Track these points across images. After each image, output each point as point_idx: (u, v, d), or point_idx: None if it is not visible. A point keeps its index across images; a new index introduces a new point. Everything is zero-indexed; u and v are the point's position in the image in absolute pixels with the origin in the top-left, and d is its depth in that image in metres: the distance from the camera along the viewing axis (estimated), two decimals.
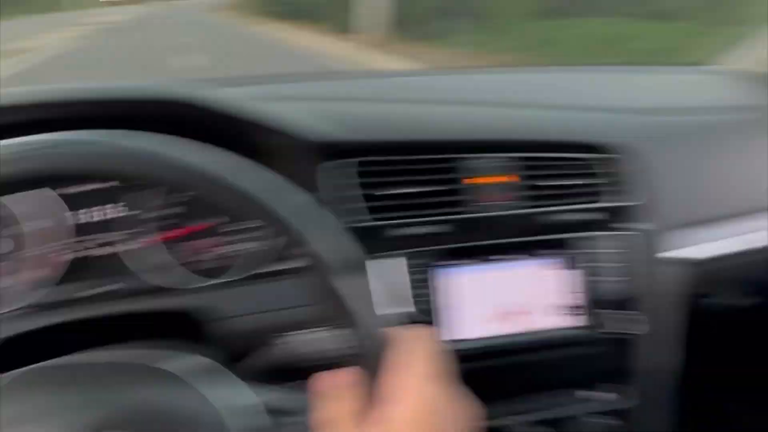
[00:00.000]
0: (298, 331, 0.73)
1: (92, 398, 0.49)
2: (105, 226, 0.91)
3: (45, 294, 0.83)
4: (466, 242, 0.95)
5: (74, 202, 0.90)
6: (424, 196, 0.96)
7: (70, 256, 0.87)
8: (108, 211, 0.92)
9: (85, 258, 0.91)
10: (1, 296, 0.86)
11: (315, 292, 0.47)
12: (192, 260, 0.95)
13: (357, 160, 0.95)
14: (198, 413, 0.50)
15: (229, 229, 0.96)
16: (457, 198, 0.97)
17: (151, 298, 0.85)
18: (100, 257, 0.91)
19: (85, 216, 0.90)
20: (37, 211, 0.88)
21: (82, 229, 0.90)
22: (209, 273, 0.94)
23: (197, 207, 0.94)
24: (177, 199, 0.94)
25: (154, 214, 0.91)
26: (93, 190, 0.91)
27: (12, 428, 0.44)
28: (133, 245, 0.93)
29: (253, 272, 0.91)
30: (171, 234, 0.93)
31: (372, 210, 0.94)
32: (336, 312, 0.46)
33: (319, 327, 0.75)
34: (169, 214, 0.93)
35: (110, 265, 0.91)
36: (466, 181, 0.97)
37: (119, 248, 0.92)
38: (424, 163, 0.97)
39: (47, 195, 0.86)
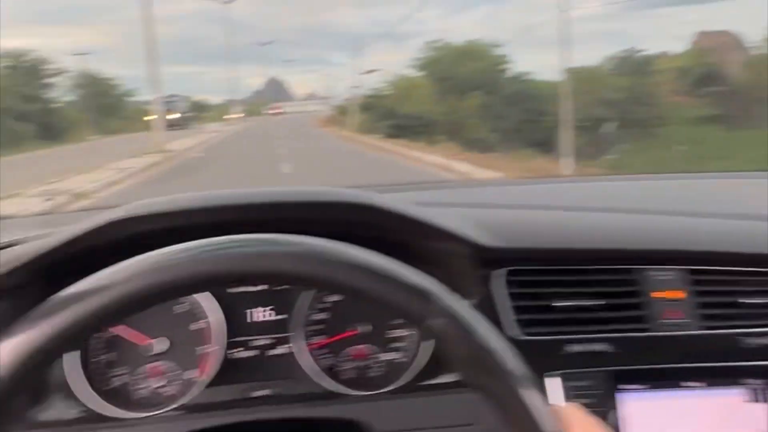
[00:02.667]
0: None
1: None
2: (256, 329, 0.97)
3: (196, 396, 0.87)
4: (648, 364, 0.89)
5: (227, 304, 0.97)
6: (590, 310, 0.94)
7: (222, 358, 0.92)
8: (259, 313, 0.98)
9: (237, 360, 0.95)
10: (153, 397, 0.92)
11: (496, 405, 0.48)
12: (343, 369, 0.97)
13: (513, 268, 0.95)
14: None
15: (375, 338, 0.99)
16: (637, 313, 0.93)
17: (303, 406, 0.87)
18: (252, 360, 0.96)
19: (237, 318, 0.96)
20: (192, 311, 0.95)
21: (235, 331, 0.96)
22: (361, 383, 0.95)
23: (344, 314, 0.98)
24: (324, 305, 0.99)
25: (302, 320, 0.96)
26: (243, 293, 0.98)
27: None
28: (283, 350, 0.97)
29: (409, 385, 0.91)
30: (319, 341, 0.97)
31: (523, 323, 0.92)
32: (519, 426, 0.47)
33: None
34: (317, 320, 0.98)
35: (261, 369, 0.95)
36: (654, 294, 0.93)
37: (270, 352, 0.96)
38: (593, 274, 0.96)
39: (203, 296, 0.94)
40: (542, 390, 0.48)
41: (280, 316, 0.98)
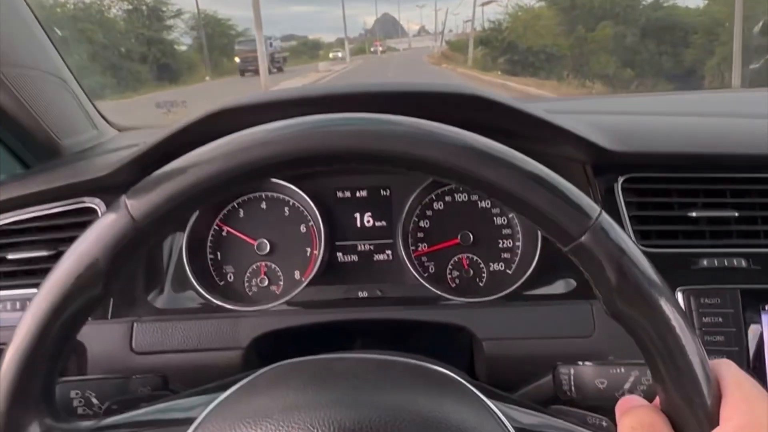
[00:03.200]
0: (578, 363, 0.68)
1: (348, 397, 0.49)
2: (360, 234, 0.98)
3: (301, 294, 0.90)
4: None
5: (332, 209, 0.98)
6: (721, 222, 0.85)
7: (326, 260, 0.94)
8: (363, 219, 0.99)
9: (341, 263, 0.97)
10: (262, 292, 0.97)
11: (645, 342, 0.44)
12: (446, 276, 0.96)
13: (631, 176, 0.89)
14: (479, 430, 0.48)
15: (477, 249, 0.97)
16: None
17: (405, 309, 0.87)
18: (355, 264, 0.98)
19: (341, 223, 0.98)
20: (292, 217, 0.98)
21: (339, 236, 0.98)
22: (465, 290, 0.95)
23: (446, 223, 0.97)
24: (427, 214, 0.98)
25: (405, 227, 0.96)
26: (348, 198, 0.99)
27: (272, 414, 0.47)
28: (385, 256, 0.98)
29: (513, 294, 0.89)
30: (422, 249, 0.97)
31: (642, 234, 0.86)
32: (658, 341, 0.43)
33: (601, 361, 0.69)
34: (420, 228, 0.98)
35: (365, 273, 0.97)
36: None
37: (374, 257, 0.98)
38: (725, 183, 0.86)
39: (308, 200, 0.96)
40: None
41: (383, 223, 0.98)
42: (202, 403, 0.50)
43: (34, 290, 0.84)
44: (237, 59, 26.36)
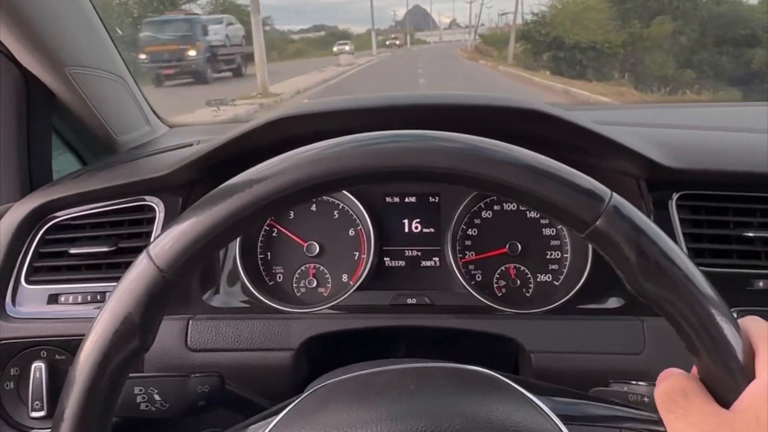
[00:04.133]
0: (631, 382, 0.70)
1: (392, 410, 0.50)
2: (408, 239, 1.01)
3: (349, 298, 0.94)
4: None
5: (381, 214, 1.02)
6: None
7: (374, 264, 0.98)
8: (412, 225, 1.02)
9: (389, 268, 1.01)
10: (310, 295, 1.00)
11: (675, 323, 0.46)
12: (494, 285, 0.99)
13: (686, 192, 0.90)
14: (524, 423, 0.50)
15: (526, 259, 0.99)
16: None
17: (452, 317, 0.90)
18: (403, 269, 1.01)
19: (390, 228, 1.01)
20: (347, 219, 1.01)
21: (387, 241, 1.01)
22: (513, 301, 0.97)
23: (494, 232, 0.99)
24: (475, 221, 1.01)
25: (453, 234, 0.99)
26: (396, 204, 1.02)
27: None
28: (433, 262, 1.01)
29: (564, 307, 0.91)
30: (469, 256, 1.00)
31: (695, 252, 0.87)
32: (688, 313, 0.44)
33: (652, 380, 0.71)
34: (468, 236, 1.00)
35: (412, 279, 1.00)
36: None
37: (422, 263, 1.00)
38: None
39: (358, 205, 1.00)
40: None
41: (431, 230, 1.01)
42: None
43: (95, 284, 0.91)
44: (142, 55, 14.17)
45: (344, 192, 1.00)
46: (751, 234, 0.86)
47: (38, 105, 1.04)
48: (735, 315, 0.80)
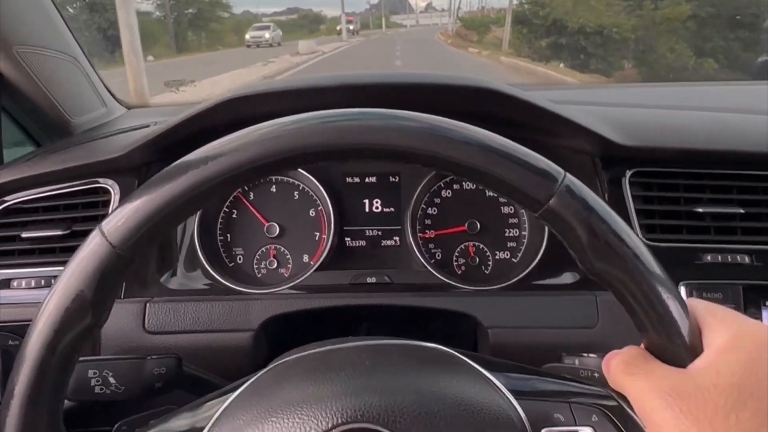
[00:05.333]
0: (582, 354, 0.71)
1: (348, 386, 0.51)
2: (368, 219, 1.01)
3: (310, 278, 0.94)
4: None
5: (341, 195, 1.01)
6: (726, 218, 0.89)
7: (335, 245, 0.98)
8: (372, 205, 1.02)
9: (349, 248, 1.01)
10: (271, 275, 1.00)
11: (623, 298, 0.47)
12: (453, 263, 1.00)
13: (638, 170, 0.91)
14: (476, 398, 0.51)
15: (484, 237, 1.00)
16: None
17: (412, 295, 0.90)
18: (364, 249, 1.01)
19: (350, 208, 1.01)
20: (308, 199, 1.01)
21: (348, 221, 1.01)
22: (471, 278, 0.98)
23: (453, 210, 1.00)
24: (434, 200, 1.01)
25: (413, 213, 0.99)
26: (357, 184, 1.02)
27: (277, 413, 0.48)
28: (393, 241, 1.01)
29: (520, 283, 0.92)
30: (428, 234, 1.01)
31: (647, 228, 0.89)
32: (636, 291, 0.45)
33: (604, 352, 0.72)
34: (427, 215, 1.01)
35: (373, 258, 1.00)
36: None
37: (382, 243, 1.01)
38: (732, 179, 0.89)
39: (317, 185, 0.99)
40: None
41: (391, 209, 1.02)
42: (210, 414, 0.52)
43: (48, 269, 0.89)
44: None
45: (304, 172, 0.99)
46: (700, 209, 0.88)
47: None
48: (684, 288, 0.83)
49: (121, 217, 0.46)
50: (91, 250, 0.46)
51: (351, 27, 40.50)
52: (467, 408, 0.48)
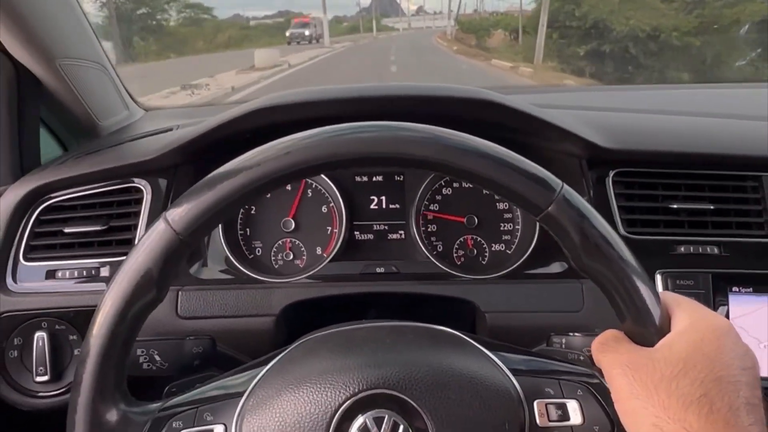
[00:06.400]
0: (569, 334, 0.81)
1: (371, 359, 0.59)
2: (376, 215, 1.10)
3: (323, 269, 1.03)
4: (756, 269, 0.93)
5: (351, 192, 1.10)
6: (699, 214, 0.98)
7: (345, 238, 1.07)
8: (379, 202, 1.11)
9: (359, 241, 1.10)
10: (288, 266, 1.09)
11: (608, 292, 0.56)
12: (453, 255, 1.09)
13: (621, 170, 1.00)
14: (480, 373, 0.60)
15: (482, 230, 1.09)
16: (748, 219, 0.97)
17: (417, 283, 0.99)
18: (372, 242, 1.10)
19: (359, 205, 1.10)
20: (320, 196, 1.10)
21: (357, 216, 1.10)
22: (470, 268, 1.07)
23: (453, 207, 1.09)
24: (437, 197, 1.10)
25: (416, 209, 1.08)
26: (365, 182, 1.11)
27: (310, 379, 0.57)
28: (399, 235, 1.11)
29: (514, 272, 1.02)
30: (431, 229, 1.10)
31: (629, 223, 0.98)
32: (618, 286, 0.55)
33: (587, 332, 0.82)
34: (430, 210, 1.10)
35: (380, 250, 1.09)
36: None
37: (388, 236, 1.10)
38: (704, 179, 0.99)
39: (328, 183, 1.08)
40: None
41: (397, 205, 1.11)
42: (248, 378, 0.61)
43: (88, 260, 0.98)
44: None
45: None
46: (675, 206, 0.97)
47: (28, 95, 1.09)
48: (660, 276, 0.93)
49: (184, 207, 0.55)
50: (157, 235, 0.55)
51: (307, 32, 35.65)
52: (472, 381, 0.58)
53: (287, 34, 32.44)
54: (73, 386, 0.57)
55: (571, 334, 0.82)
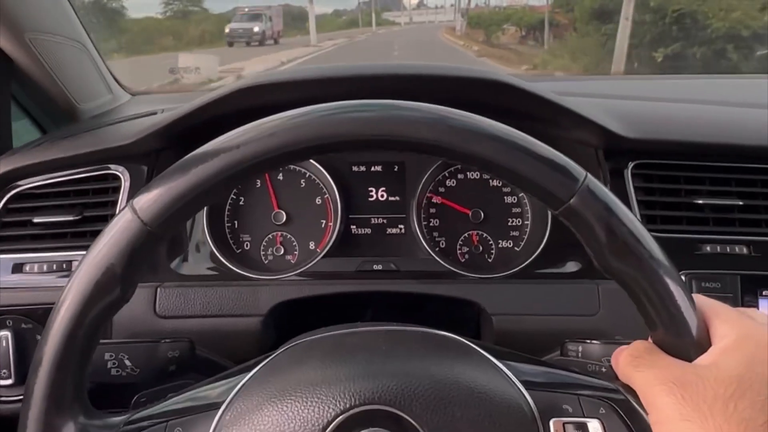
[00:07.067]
0: (586, 341, 0.74)
1: (364, 369, 0.52)
2: (374, 207, 1.02)
3: (316, 265, 0.95)
4: None
5: (347, 183, 1.02)
6: (726, 210, 0.90)
7: (340, 232, 0.99)
8: (378, 193, 1.03)
9: (355, 236, 1.02)
10: (278, 262, 1.01)
11: (636, 293, 0.48)
12: (457, 251, 1.01)
13: (640, 162, 0.92)
14: (489, 387, 0.52)
15: (488, 226, 1.01)
16: None
17: (417, 282, 0.92)
18: (369, 236, 1.02)
19: (356, 196, 1.02)
20: (308, 189, 1.02)
21: (353, 209, 1.02)
22: (475, 266, 0.99)
23: (457, 200, 1.01)
24: (439, 189, 1.02)
25: (418, 202, 1.00)
26: (362, 173, 1.03)
27: (295, 392, 0.49)
28: (398, 230, 1.03)
29: (523, 272, 0.94)
30: (433, 223, 1.01)
31: (648, 219, 0.90)
32: (649, 290, 0.47)
33: (606, 339, 0.74)
34: (432, 203, 1.02)
35: (379, 246, 1.01)
36: None
37: (387, 231, 1.02)
38: (731, 172, 0.91)
39: (324, 173, 1.00)
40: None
41: (396, 198, 1.02)
42: (227, 389, 0.53)
43: (60, 253, 0.90)
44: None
45: (311, 161, 1.00)
46: (700, 201, 0.89)
47: None
48: (684, 277, 0.85)
49: (153, 195, 0.47)
50: (122, 225, 0.48)
51: (256, 28, 23.81)
52: (480, 396, 0.50)
53: (226, 30, 22.94)
54: (24, 398, 0.50)
55: (588, 341, 0.73)
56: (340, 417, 0.47)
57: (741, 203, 0.89)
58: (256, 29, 24.00)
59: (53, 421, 0.49)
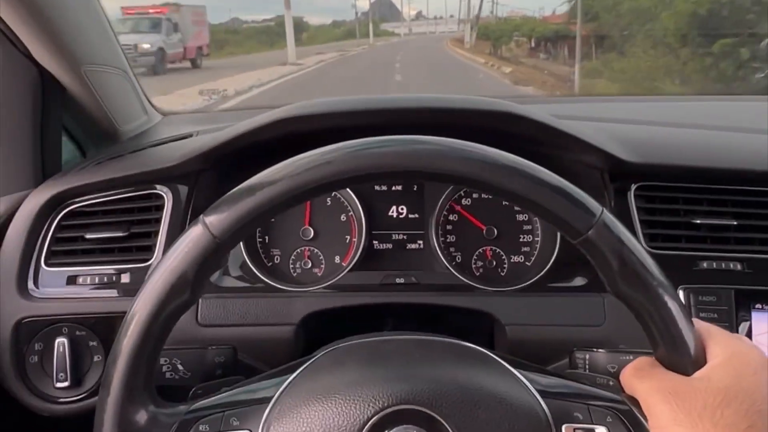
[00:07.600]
0: (593, 350, 0.81)
1: (399, 372, 0.59)
2: (395, 224, 1.10)
3: (342, 278, 1.02)
4: None
5: (370, 201, 1.09)
6: (722, 229, 0.97)
7: (364, 247, 1.06)
8: (398, 211, 1.10)
9: (378, 251, 1.09)
10: (307, 275, 1.09)
11: (643, 317, 0.56)
12: (473, 266, 1.08)
13: (642, 184, 0.99)
14: (509, 393, 0.60)
15: (501, 242, 1.08)
16: None
17: (437, 294, 0.99)
18: (390, 251, 1.09)
19: (378, 214, 1.09)
20: (333, 206, 1.09)
21: (376, 225, 1.09)
22: (490, 280, 1.06)
23: (473, 217, 1.09)
24: (456, 208, 1.09)
25: (436, 219, 1.08)
26: (384, 191, 1.11)
27: (339, 391, 0.56)
28: (418, 245, 1.10)
29: (535, 285, 1.01)
30: (450, 239, 1.09)
31: (650, 237, 0.97)
32: (654, 314, 0.54)
33: (612, 348, 0.82)
34: (449, 221, 1.09)
35: (399, 260, 1.09)
36: None
37: (407, 246, 1.10)
38: (727, 194, 0.98)
39: (348, 192, 1.08)
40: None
41: (416, 215, 1.10)
42: (275, 385, 0.60)
43: (108, 267, 0.98)
44: None
45: None
46: (698, 221, 0.96)
47: (52, 101, 1.09)
48: (682, 292, 0.92)
49: (222, 211, 0.55)
50: (194, 237, 0.55)
51: (146, 45, 14.97)
52: (501, 400, 0.57)
53: None
54: (102, 385, 0.57)
55: (594, 349, 0.81)
56: (378, 415, 0.55)
57: (736, 223, 0.96)
58: (146, 46, 15.12)
59: (128, 408, 0.56)
